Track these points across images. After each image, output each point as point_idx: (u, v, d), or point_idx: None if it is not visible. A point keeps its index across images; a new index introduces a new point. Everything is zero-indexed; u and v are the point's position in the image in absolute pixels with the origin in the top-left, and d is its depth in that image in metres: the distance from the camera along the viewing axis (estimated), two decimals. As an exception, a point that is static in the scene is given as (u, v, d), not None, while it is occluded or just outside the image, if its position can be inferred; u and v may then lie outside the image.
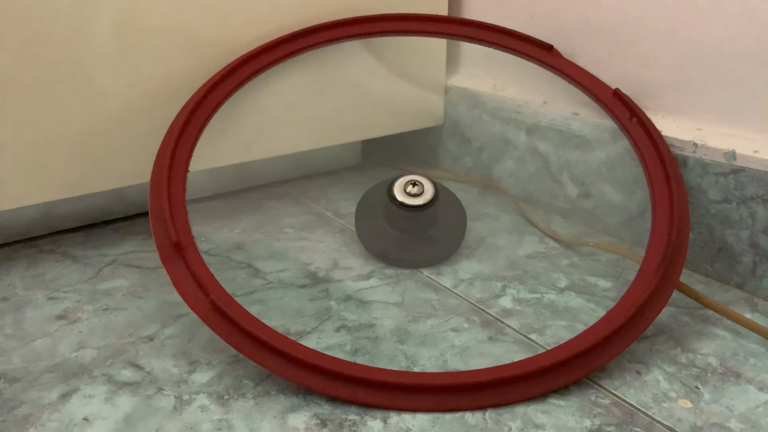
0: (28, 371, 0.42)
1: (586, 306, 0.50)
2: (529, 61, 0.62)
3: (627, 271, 0.56)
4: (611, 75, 0.60)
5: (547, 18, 0.65)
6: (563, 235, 0.62)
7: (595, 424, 0.38)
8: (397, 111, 0.73)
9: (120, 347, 0.45)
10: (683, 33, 0.54)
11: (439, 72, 0.75)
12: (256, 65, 0.59)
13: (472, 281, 0.54)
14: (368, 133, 0.72)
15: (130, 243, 0.61)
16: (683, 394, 0.40)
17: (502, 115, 0.71)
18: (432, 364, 0.43)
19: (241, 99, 0.60)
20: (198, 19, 0.57)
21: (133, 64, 0.55)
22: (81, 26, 0.52)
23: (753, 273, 0.52)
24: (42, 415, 0.38)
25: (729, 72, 0.52)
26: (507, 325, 0.48)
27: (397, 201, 0.55)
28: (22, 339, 0.45)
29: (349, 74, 0.68)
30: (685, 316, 0.49)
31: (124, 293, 0.52)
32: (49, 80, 0.51)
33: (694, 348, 0.45)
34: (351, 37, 0.63)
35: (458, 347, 0.45)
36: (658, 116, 0.57)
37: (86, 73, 0.53)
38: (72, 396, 0.39)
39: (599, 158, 0.61)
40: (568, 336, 0.43)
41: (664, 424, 0.38)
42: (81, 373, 0.42)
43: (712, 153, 0.52)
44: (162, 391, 0.40)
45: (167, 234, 0.45)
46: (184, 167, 0.50)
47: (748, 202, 0.50)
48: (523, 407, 0.39)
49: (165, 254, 0.45)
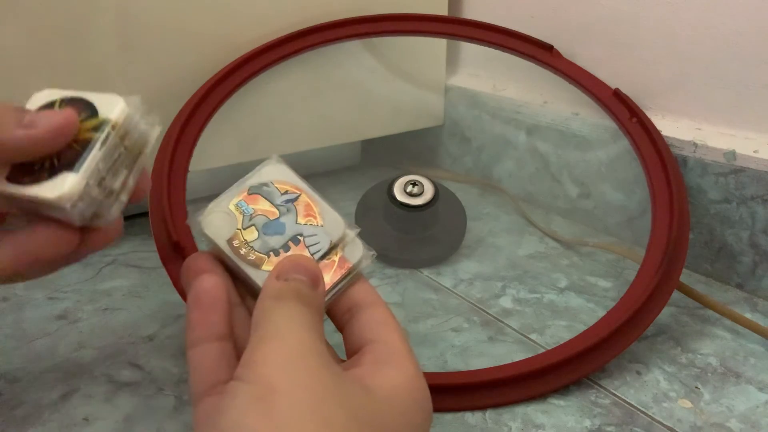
0: (28, 371, 0.42)
1: (586, 306, 0.50)
2: (529, 61, 0.62)
3: (627, 271, 0.56)
4: (611, 75, 0.60)
5: (547, 18, 0.65)
6: (563, 235, 0.62)
7: (595, 424, 0.38)
8: (397, 111, 0.73)
9: (120, 347, 0.45)
10: (683, 33, 0.54)
11: (439, 72, 0.75)
12: (256, 65, 0.59)
13: (472, 281, 0.54)
14: (368, 133, 0.72)
15: (130, 243, 0.61)
16: (683, 394, 0.40)
17: (502, 115, 0.71)
18: (432, 364, 0.43)
19: (241, 99, 0.60)
20: (198, 18, 0.57)
21: (132, 64, 0.55)
22: (81, 26, 0.52)
23: (753, 273, 0.52)
24: (42, 415, 0.38)
25: (729, 72, 0.52)
26: (507, 325, 0.48)
27: (397, 201, 0.55)
28: (22, 339, 0.45)
29: (349, 74, 0.68)
30: (685, 316, 0.49)
31: (124, 293, 0.52)
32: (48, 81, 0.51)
33: (694, 348, 0.45)
34: (351, 37, 0.63)
35: (458, 347, 0.45)
36: (658, 116, 0.57)
37: (85, 73, 0.53)
38: (72, 396, 0.39)
39: (599, 158, 0.61)
40: (568, 336, 0.43)
41: (664, 424, 0.38)
42: (81, 373, 0.42)
43: (712, 153, 0.52)
44: (162, 391, 0.40)
45: (167, 234, 0.45)
46: (184, 167, 0.50)
47: (748, 202, 0.50)
48: (523, 407, 0.39)
49: (165, 254, 0.45)
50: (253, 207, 0.31)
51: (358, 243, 0.32)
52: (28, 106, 0.29)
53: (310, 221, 0.32)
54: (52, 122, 0.27)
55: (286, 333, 0.26)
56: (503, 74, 0.72)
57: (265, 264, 0.30)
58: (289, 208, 0.32)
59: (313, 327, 0.27)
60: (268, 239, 0.31)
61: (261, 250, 0.30)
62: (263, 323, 0.27)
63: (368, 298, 0.31)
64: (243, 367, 0.25)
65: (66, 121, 0.27)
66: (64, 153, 0.27)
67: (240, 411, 0.23)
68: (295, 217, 0.31)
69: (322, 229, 0.31)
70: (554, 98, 0.66)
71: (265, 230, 0.31)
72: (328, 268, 0.31)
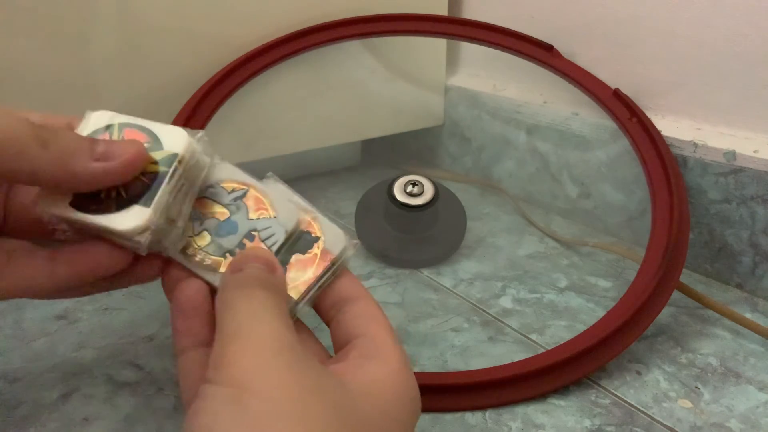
0: (28, 371, 0.42)
1: (586, 306, 0.50)
2: (529, 61, 0.62)
3: (627, 271, 0.56)
4: (611, 75, 0.60)
5: (547, 18, 0.65)
6: (563, 235, 0.62)
7: (595, 424, 0.38)
8: (397, 111, 0.73)
9: (120, 347, 0.45)
10: (683, 33, 0.54)
11: (439, 72, 0.75)
12: (256, 65, 0.59)
13: (472, 281, 0.54)
14: (368, 133, 0.72)
15: (130, 243, 0.61)
16: (683, 394, 0.40)
17: (502, 115, 0.71)
18: (432, 364, 0.43)
19: (241, 99, 0.60)
20: (198, 18, 0.57)
21: (132, 64, 0.55)
22: (80, 26, 0.52)
23: (753, 273, 0.52)
24: (42, 415, 0.38)
25: (729, 72, 0.52)
26: (507, 325, 0.48)
27: (397, 201, 0.55)
28: (22, 339, 0.45)
29: (349, 74, 0.68)
30: (685, 316, 0.49)
31: (124, 293, 0.52)
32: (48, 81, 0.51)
33: (694, 348, 0.45)
34: (351, 37, 0.63)
35: (458, 347, 0.45)
36: (658, 116, 0.57)
37: (86, 73, 0.53)
38: (72, 396, 0.39)
39: (599, 158, 0.61)
40: (568, 336, 0.43)
41: (664, 424, 0.38)
42: (81, 373, 0.42)
43: (712, 153, 0.52)
44: (162, 391, 0.40)
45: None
46: (184, 167, 0.50)
47: (748, 202, 0.50)
48: (523, 407, 0.39)
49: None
50: (201, 211, 0.31)
51: (340, 233, 0.31)
52: (82, 126, 0.29)
53: (262, 214, 0.31)
54: (126, 156, 0.27)
55: (254, 326, 0.25)
56: (503, 74, 0.73)
57: (221, 266, 0.30)
58: (239, 206, 0.31)
59: (279, 314, 0.26)
60: (221, 241, 0.30)
61: (216, 253, 0.30)
62: (228, 318, 0.26)
63: (354, 292, 0.31)
64: (213, 368, 0.24)
65: (139, 154, 0.28)
66: (130, 183, 0.28)
67: (213, 415, 0.22)
68: (246, 213, 0.31)
69: (275, 221, 0.31)
70: (554, 98, 0.66)
71: (218, 232, 0.30)
72: (310, 261, 0.31)
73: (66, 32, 0.51)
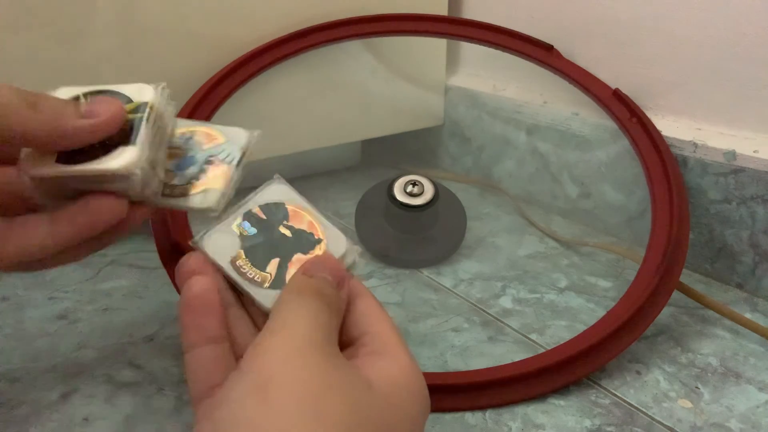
0: (28, 371, 0.42)
1: (586, 306, 0.50)
2: (529, 61, 0.62)
3: (627, 271, 0.56)
4: (611, 75, 0.60)
5: (547, 18, 0.65)
6: (563, 235, 0.62)
7: (595, 424, 0.38)
8: (397, 111, 0.73)
9: (120, 347, 0.45)
10: (683, 33, 0.54)
11: (439, 72, 0.75)
12: (256, 65, 0.59)
13: (472, 281, 0.54)
14: (368, 133, 0.72)
15: (130, 243, 0.61)
16: (683, 394, 0.40)
17: (502, 115, 0.71)
18: (432, 364, 0.43)
19: (241, 99, 0.60)
20: (198, 18, 0.57)
21: (132, 64, 0.55)
22: (80, 26, 0.52)
23: (753, 273, 0.52)
24: (42, 415, 0.38)
25: (729, 72, 0.52)
26: (507, 325, 0.48)
27: (397, 201, 0.55)
28: (22, 339, 0.45)
29: (349, 74, 0.68)
30: (685, 316, 0.49)
31: (124, 293, 0.52)
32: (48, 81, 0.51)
33: (694, 348, 0.45)
34: (351, 37, 0.63)
35: (458, 347, 0.45)
36: (658, 116, 0.57)
37: (86, 73, 0.53)
38: (72, 396, 0.39)
39: (599, 158, 0.61)
40: (568, 336, 0.43)
41: (664, 424, 0.38)
42: (81, 373, 0.42)
43: (712, 153, 0.52)
44: (162, 391, 0.40)
45: (167, 234, 0.45)
46: (184, 167, 0.50)
47: (748, 202, 0.50)
48: (523, 407, 0.39)
49: (165, 254, 0.45)
50: (167, 160, 0.33)
51: (342, 237, 0.32)
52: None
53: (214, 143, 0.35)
54: (110, 110, 0.29)
55: (293, 325, 0.26)
56: (503, 74, 0.73)
57: (191, 190, 0.32)
58: (191, 144, 0.34)
59: (324, 324, 0.27)
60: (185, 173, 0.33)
61: (182, 182, 0.32)
62: (276, 315, 0.27)
63: (355, 290, 0.31)
64: (246, 357, 0.26)
65: (119, 108, 0.30)
66: (111, 136, 0.30)
67: (237, 399, 0.24)
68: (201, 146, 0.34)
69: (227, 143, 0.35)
70: (554, 98, 0.66)
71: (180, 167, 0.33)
72: None
73: (66, 32, 0.51)
